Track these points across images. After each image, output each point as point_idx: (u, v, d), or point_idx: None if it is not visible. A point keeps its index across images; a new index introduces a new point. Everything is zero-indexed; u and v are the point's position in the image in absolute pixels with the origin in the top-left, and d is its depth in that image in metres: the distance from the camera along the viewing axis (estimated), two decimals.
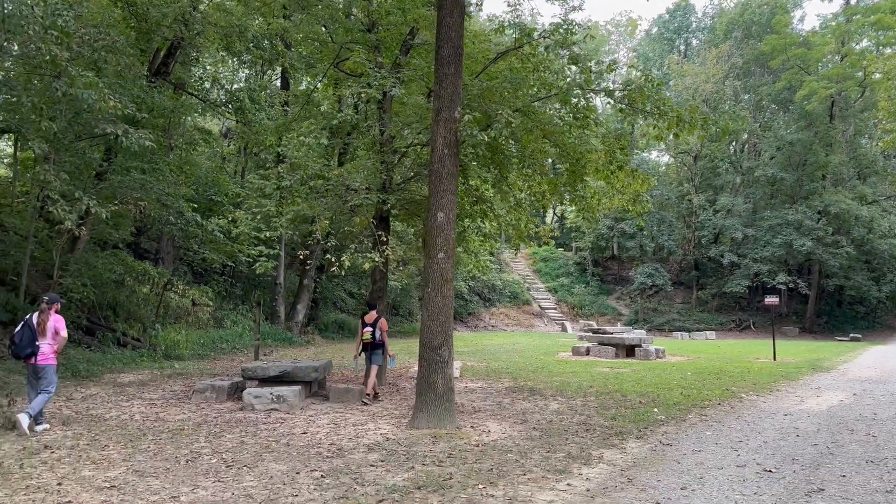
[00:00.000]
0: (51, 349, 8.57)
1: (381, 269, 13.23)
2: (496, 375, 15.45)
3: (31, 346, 8.39)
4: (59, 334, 8.63)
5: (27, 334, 8.40)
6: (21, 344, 8.36)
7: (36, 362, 8.45)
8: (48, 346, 8.54)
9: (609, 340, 22.48)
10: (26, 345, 8.37)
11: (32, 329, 8.44)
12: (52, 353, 8.60)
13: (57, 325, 8.63)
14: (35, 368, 8.49)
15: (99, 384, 12.59)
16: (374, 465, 6.81)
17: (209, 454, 7.28)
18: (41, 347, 8.47)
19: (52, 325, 8.60)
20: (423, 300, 8.99)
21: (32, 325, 8.47)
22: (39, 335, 8.49)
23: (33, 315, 8.62)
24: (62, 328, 8.70)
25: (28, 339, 8.39)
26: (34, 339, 8.43)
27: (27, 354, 8.40)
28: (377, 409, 10.47)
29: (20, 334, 8.42)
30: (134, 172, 14.56)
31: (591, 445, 7.92)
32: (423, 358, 8.89)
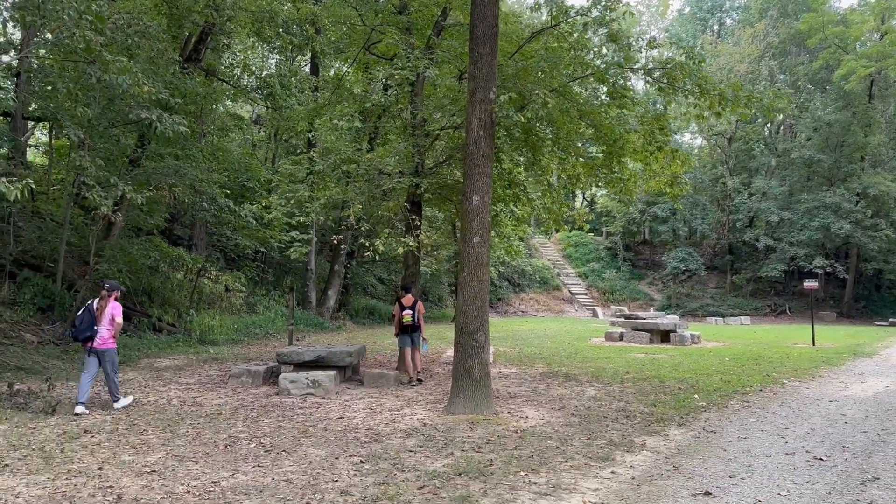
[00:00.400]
0: (109, 334, 8.92)
1: (413, 253, 13.14)
2: (529, 361, 15.31)
3: (89, 331, 8.74)
4: (115, 320, 8.99)
5: (87, 319, 8.78)
6: (80, 328, 8.74)
7: (93, 346, 8.79)
8: (106, 331, 8.88)
9: (643, 326, 22.18)
10: (85, 329, 8.73)
11: (92, 314, 8.81)
12: (111, 337, 8.96)
13: (114, 312, 8.99)
14: (95, 352, 8.84)
15: (136, 369, 12.71)
16: (412, 451, 6.73)
17: (247, 439, 7.26)
18: (99, 332, 8.81)
19: (109, 312, 8.94)
20: (459, 285, 8.86)
21: (93, 310, 8.86)
22: (97, 320, 8.82)
23: (94, 301, 9.01)
24: (118, 315, 9.05)
25: (87, 323, 8.75)
26: (93, 324, 8.77)
27: (85, 338, 8.75)
28: (412, 394, 10.40)
29: (80, 318, 8.81)
30: (168, 159, 14.62)
31: (632, 432, 7.76)
32: (458, 343, 8.78)
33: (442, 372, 13.26)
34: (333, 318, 25.67)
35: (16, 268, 15.10)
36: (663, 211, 44.33)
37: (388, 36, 10.71)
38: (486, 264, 8.79)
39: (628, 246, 49.78)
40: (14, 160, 17.67)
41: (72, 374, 11.69)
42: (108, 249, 14.87)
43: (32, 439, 7.08)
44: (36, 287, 14.70)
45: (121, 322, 9.15)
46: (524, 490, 5.48)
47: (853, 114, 40.19)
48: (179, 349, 15.75)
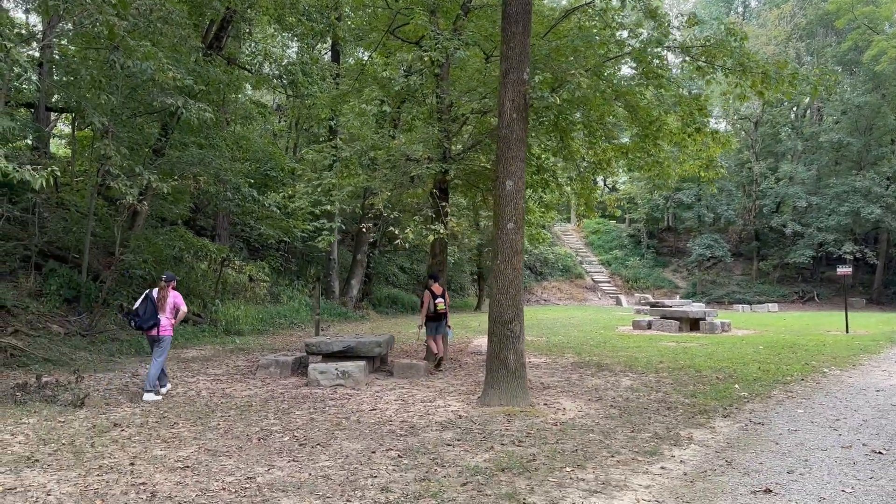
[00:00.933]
0: (169, 322, 9.37)
1: (442, 241, 12.89)
2: (559, 350, 15.03)
3: (153, 319, 9.18)
4: (179, 309, 9.50)
5: (150, 308, 9.19)
6: (144, 317, 9.14)
7: (157, 334, 9.22)
8: (167, 319, 9.34)
9: (671, 314, 21.79)
10: (149, 318, 9.16)
11: (154, 303, 9.23)
12: (170, 325, 9.42)
13: (177, 301, 9.49)
14: (156, 339, 9.25)
15: None
16: (450, 445, 6.50)
17: (280, 432, 7.07)
18: (161, 321, 9.25)
19: (171, 301, 9.39)
20: (492, 273, 8.60)
21: (153, 299, 9.27)
22: (160, 310, 9.25)
23: (153, 291, 9.41)
24: (182, 303, 9.56)
25: (151, 312, 9.18)
26: (156, 313, 9.21)
27: (150, 326, 9.18)
28: (443, 385, 10.18)
29: (143, 308, 9.17)
30: (191, 148, 14.47)
31: (676, 425, 7.47)
32: (493, 333, 8.52)
33: (471, 362, 13.03)
34: (357, 308, 25.54)
35: (41, 259, 15.06)
36: (688, 197, 43.68)
37: (416, 17, 10.40)
38: (521, 251, 8.52)
39: (652, 233, 49.16)
40: (38, 150, 17.63)
41: (99, 365, 11.62)
42: (134, 240, 14.78)
43: (62, 433, 6.95)
44: (62, 278, 14.64)
45: (185, 310, 9.64)
46: (572, 487, 5.23)
47: (882, 96, 39.23)
48: (206, 339, 15.67)
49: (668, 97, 9.69)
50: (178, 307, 9.50)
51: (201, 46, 14.14)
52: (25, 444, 6.48)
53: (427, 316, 11.97)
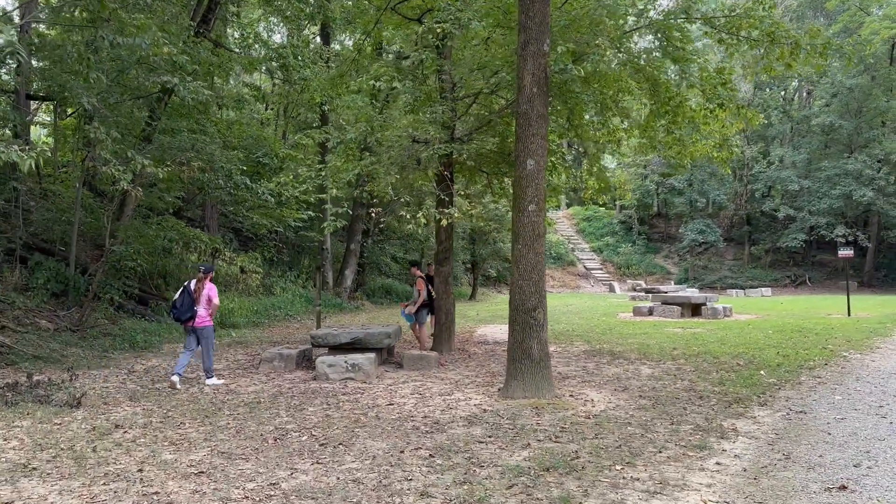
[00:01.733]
0: (206, 313, 9.47)
1: (448, 227, 12.42)
2: (566, 338, 14.62)
3: (190, 311, 9.29)
4: (212, 301, 9.52)
5: (187, 300, 9.30)
6: (182, 309, 9.26)
7: (195, 325, 9.34)
8: (204, 310, 9.44)
9: (673, 300, 21.47)
10: (186, 310, 9.27)
11: (191, 295, 9.32)
12: (208, 316, 9.52)
13: (210, 293, 9.51)
14: (195, 331, 9.40)
15: (159, 355, 12.06)
16: (482, 442, 6.04)
17: (296, 430, 6.58)
18: (198, 312, 9.35)
19: (206, 293, 9.46)
20: (513, 258, 8.13)
21: (191, 291, 9.36)
22: (196, 301, 9.35)
23: (190, 282, 9.48)
24: (215, 296, 9.58)
25: (188, 304, 9.28)
26: (193, 305, 9.31)
27: (187, 318, 9.29)
28: (457, 377, 9.72)
29: (181, 300, 9.30)
30: (182, 133, 13.85)
31: (715, 415, 7.06)
32: (514, 321, 8.06)
33: (479, 352, 12.59)
34: (351, 298, 25.03)
35: (26, 252, 14.41)
36: (679, 182, 43.43)
37: None
38: (543, 235, 8.05)
39: (643, 219, 48.91)
40: (20, 139, 16.91)
41: (92, 362, 11.06)
42: (123, 231, 14.16)
43: (60, 437, 6.42)
44: (49, 271, 14.00)
45: (217, 303, 9.67)
46: (628, 488, 4.79)
47: (872, 78, 39.07)
48: None
49: (692, 70, 9.22)
50: (210, 299, 9.49)
51: (192, 25, 13.51)
52: (20, 451, 5.95)
53: (422, 303, 11.82)
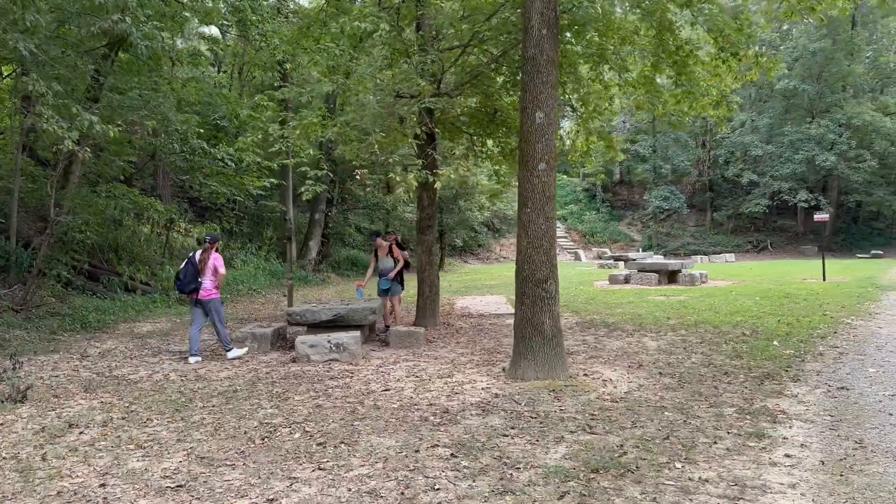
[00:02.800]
0: (212, 284, 8.94)
1: (431, 193, 11.51)
2: None
3: (194, 283, 8.81)
4: (217, 272, 8.97)
5: (190, 271, 8.82)
6: (185, 280, 8.80)
7: (199, 297, 8.84)
8: (210, 282, 8.91)
9: (651, 267, 20.97)
10: (190, 281, 8.80)
11: (195, 266, 8.83)
12: (214, 288, 8.97)
13: (216, 263, 8.96)
14: (201, 304, 8.88)
15: (115, 336, 10.93)
16: (506, 435, 5.22)
17: (285, 425, 5.66)
18: (203, 283, 8.85)
19: (212, 263, 8.91)
20: (520, 223, 7.28)
21: (195, 262, 8.86)
22: (201, 272, 8.84)
23: (196, 253, 9.01)
24: (221, 266, 9.04)
25: (191, 275, 8.80)
26: (197, 276, 8.82)
27: (190, 290, 8.83)
28: (451, 355, 8.89)
29: (184, 271, 8.84)
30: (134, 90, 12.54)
31: (752, 395, 6.37)
32: (523, 294, 7.23)
33: (466, 326, 11.77)
34: (316, 271, 23.97)
35: None
36: (644, 149, 43.10)
37: None
38: (553, 197, 7.21)
39: (605, 187, 48.58)
40: None
41: (39, 346, 9.90)
42: (69, 200, 12.85)
43: (1, 442, 5.38)
44: None
45: (223, 273, 9.12)
46: (701, 493, 4.02)
47: (834, 41, 39.02)
48: (159, 311, 13.95)
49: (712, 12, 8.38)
50: (217, 270, 8.96)
51: None
52: None
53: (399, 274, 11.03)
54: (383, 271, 11.08)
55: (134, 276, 15.78)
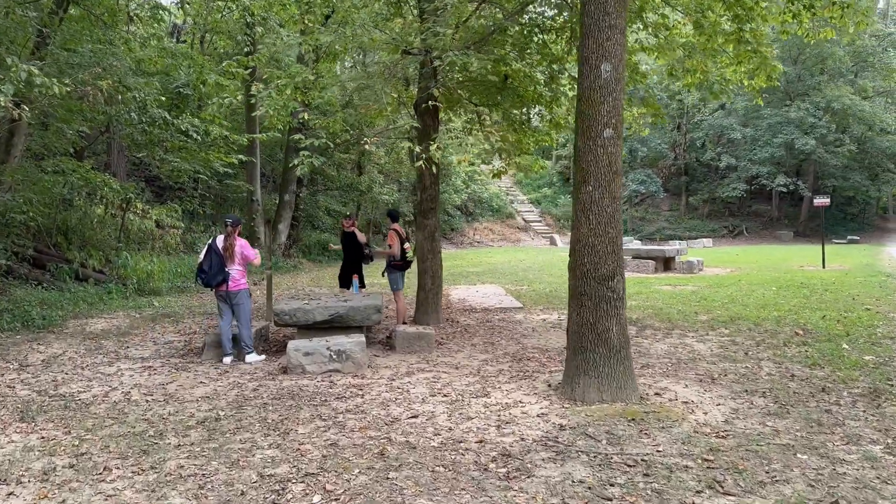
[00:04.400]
0: (241, 274, 7.92)
1: (433, 171, 10.01)
2: (557, 302, 12.56)
3: (221, 274, 7.71)
4: (250, 260, 7.96)
5: (215, 261, 7.70)
6: (212, 272, 7.67)
7: (228, 289, 7.75)
8: (237, 271, 7.88)
9: (648, 254, 19.80)
10: (217, 272, 7.69)
11: (219, 254, 7.74)
12: (243, 278, 7.95)
13: (245, 251, 7.90)
14: (228, 296, 7.78)
15: (62, 336, 9.21)
16: (609, 499, 3.80)
17: (296, 479, 4.15)
18: (231, 273, 7.79)
19: (238, 250, 7.85)
20: (578, 205, 5.83)
21: (218, 249, 7.75)
22: (227, 260, 7.77)
23: (216, 239, 7.89)
24: (252, 253, 8.00)
25: (217, 266, 7.71)
26: (223, 266, 7.73)
27: (218, 282, 7.71)
28: (473, 363, 7.45)
29: (208, 261, 7.70)
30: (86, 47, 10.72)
31: (882, 422, 5.07)
32: (583, 294, 5.80)
33: (472, 322, 10.34)
34: (286, 256, 22.27)
35: None
36: None
37: None
38: (621, 172, 5.78)
39: None
40: None
41: None
42: (10, 175, 11.01)
43: None
44: None
45: (259, 261, 8.24)
46: None
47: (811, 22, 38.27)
48: (115, 304, 12.19)
49: None
50: (247, 259, 7.91)
51: None
52: None
53: (395, 264, 9.49)
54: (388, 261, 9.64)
55: (86, 263, 13.95)
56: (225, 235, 7.84)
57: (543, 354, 7.89)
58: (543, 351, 8.09)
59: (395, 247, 9.47)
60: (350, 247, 10.68)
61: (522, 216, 42.99)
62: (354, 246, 10.65)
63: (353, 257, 10.69)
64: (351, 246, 10.68)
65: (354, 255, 10.67)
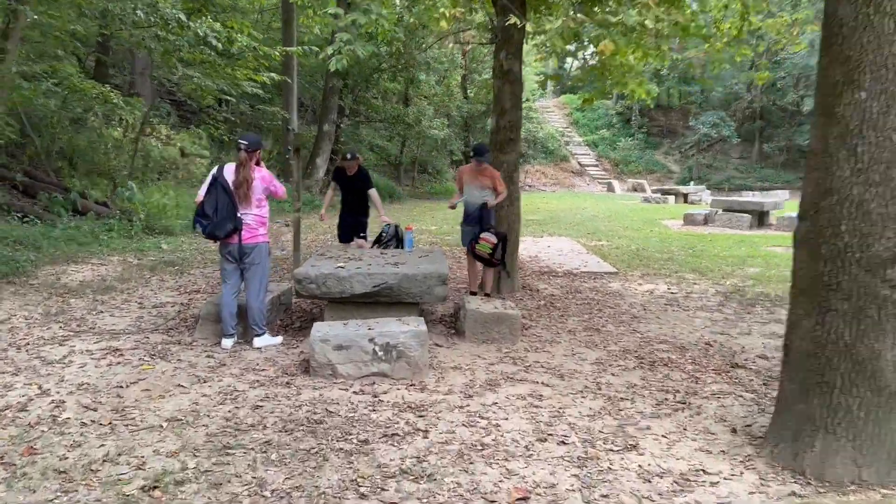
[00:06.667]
0: (259, 221, 5.43)
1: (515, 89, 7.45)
2: (656, 266, 10.02)
3: (231, 220, 5.22)
4: (275, 192, 5.53)
5: (223, 201, 5.20)
6: (219, 218, 5.17)
7: (241, 242, 5.29)
8: (254, 217, 5.38)
9: (742, 206, 16.96)
10: (225, 217, 5.19)
11: (228, 192, 5.23)
12: (263, 225, 5.48)
13: (269, 185, 5.47)
14: (241, 252, 5.31)
15: (22, 290, 6.99)
16: None
17: None
18: (244, 219, 5.30)
19: (258, 184, 5.38)
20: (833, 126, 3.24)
21: (227, 184, 5.24)
22: (241, 200, 5.29)
23: (223, 169, 5.36)
24: (279, 189, 5.57)
25: (226, 208, 5.20)
26: (234, 208, 5.24)
27: (228, 232, 5.22)
28: (586, 369, 5.02)
29: (212, 201, 5.19)
30: None
31: None
32: (829, 288, 3.25)
33: (556, 292, 7.87)
34: (324, 194, 19.93)
35: None
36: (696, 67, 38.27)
37: None
38: None
39: (642, 111, 43.83)
40: None
41: None
42: None
43: None
44: None
45: (283, 195, 5.64)
46: None
47: None
48: (114, 244, 9.99)
49: None
50: (273, 195, 5.54)
51: None
52: None
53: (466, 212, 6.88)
54: (470, 206, 6.97)
55: (87, 194, 11.77)
56: (237, 164, 5.32)
57: (682, 355, 5.42)
58: (679, 348, 5.62)
59: (504, 191, 6.89)
60: (353, 194, 7.77)
61: (578, 159, 39.96)
62: (357, 193, 7.73)
63: (355, 207, 7.76)
64: (353, 193, 7.75)
65: (357, 204, 7.74)
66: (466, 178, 6.91)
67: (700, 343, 5.83)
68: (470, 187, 6.83)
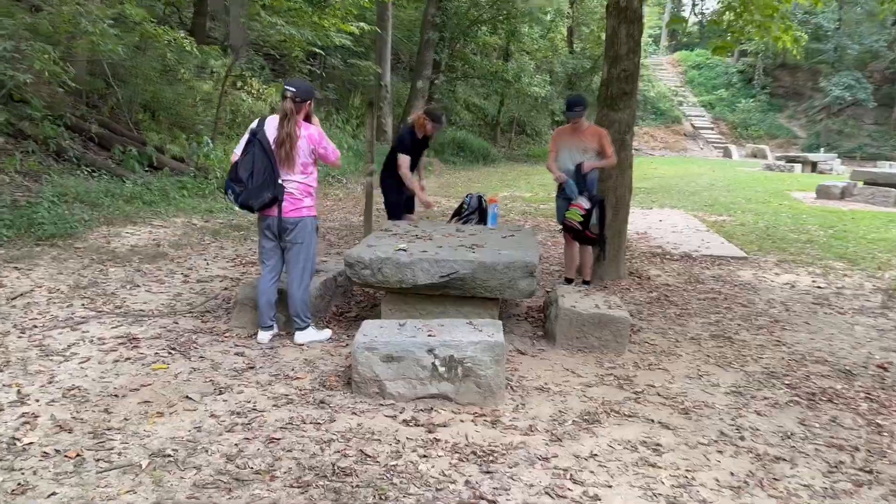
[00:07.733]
0: (304, 190, 4.25)
1: (633, 32, 6.08)
2: (792, 248, 8.42)
3: (270, 187, 4.08)
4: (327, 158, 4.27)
5: (260, 162, 4.06)
6: (255, 184, 4.05)
7: (282, 215, 4.17)
8: (298, 185, 4.21)
9: (887, 180, 14.70)
10: (263, 184, 4.06)
11: (268, 152, 4.07)
12: (308, 195, 4.28)
13: (318, 145, 4.21)
14: (282, 227, 4.20)
15: (64, 255, 6.27)
16: None
17: None
18: (287, 187, 4.16)
19: (306, 144, 4.16)
20: None
21: (267, 142, 4.09)
22: (282, 163, 4.12)
23: (264, 122, 4.19)
24: (331, 151, 4.28)
25: (263, 171, 4.06)
26: (275, 173, 4.09)
27: (265, 202, 4.11)
28: (717, 401, 3.75)
29: (248, 164, 4.06)
30: None
31: None
32: None
33: (672, 281, 6.52)
34: None
35: None
36: (829, 21, 34.56)
37: None
38: None
39: (766, 70, 40.20)
40: None
41: None
42: None
43: None
44: None
45: (339, 163, 4.50)
46: None
47: None
48: (182, 203, 9.33)
49: None
50: (323, 157, 4.28)
51: None
52: None
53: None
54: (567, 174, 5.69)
55: (164, 149, 11.21)
56: (281, 117, 4.12)
57: (849, 383, 4.04)
58: (843, 373, 4.23)
59: (613, 154, 5.61)
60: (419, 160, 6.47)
61: (691, 121, 37.20)
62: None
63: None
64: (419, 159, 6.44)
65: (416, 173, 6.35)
66: (563, 140, 5.65)
67: (870, 365, 4.41)
68: (569, 151, 5.57)
